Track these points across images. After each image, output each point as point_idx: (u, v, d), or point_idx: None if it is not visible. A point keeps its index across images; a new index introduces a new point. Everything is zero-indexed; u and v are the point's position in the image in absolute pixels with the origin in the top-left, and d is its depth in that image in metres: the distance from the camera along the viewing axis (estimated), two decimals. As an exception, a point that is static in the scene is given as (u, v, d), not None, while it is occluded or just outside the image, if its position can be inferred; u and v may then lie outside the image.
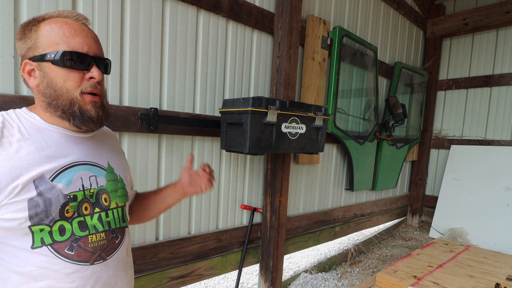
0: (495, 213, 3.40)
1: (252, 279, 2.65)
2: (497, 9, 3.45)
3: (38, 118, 0.73)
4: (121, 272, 0.80)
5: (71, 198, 0.70)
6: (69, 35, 0.70)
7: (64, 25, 0.71)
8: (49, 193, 0.67)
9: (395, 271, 2.01)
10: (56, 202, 0.68)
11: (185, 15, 1.72)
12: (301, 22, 2.23)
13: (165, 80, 1.69)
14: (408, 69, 3.66)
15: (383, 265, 3.01)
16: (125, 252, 0.83)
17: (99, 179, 0.77)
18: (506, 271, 2.07)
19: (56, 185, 0.68)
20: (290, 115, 1.77)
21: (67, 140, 0.74)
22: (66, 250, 0.69)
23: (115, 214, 0.80)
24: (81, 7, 1.36)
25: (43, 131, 0.72)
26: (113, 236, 0.78)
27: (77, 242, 0.71)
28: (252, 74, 2.12)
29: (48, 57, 0.68)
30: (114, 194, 0.80)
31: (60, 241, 0.69)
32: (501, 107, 3.70)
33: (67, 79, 0.70)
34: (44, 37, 0.69)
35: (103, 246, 0.75)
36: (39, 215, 0.66)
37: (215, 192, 2.00)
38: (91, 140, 0.80)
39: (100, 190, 0.77)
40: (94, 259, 0.73)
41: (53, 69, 0.69)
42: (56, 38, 0.69)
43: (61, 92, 0.70)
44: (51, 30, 0.70)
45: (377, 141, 3.30)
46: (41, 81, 0.70)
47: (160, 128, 1.64)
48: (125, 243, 0.83)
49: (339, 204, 3.09)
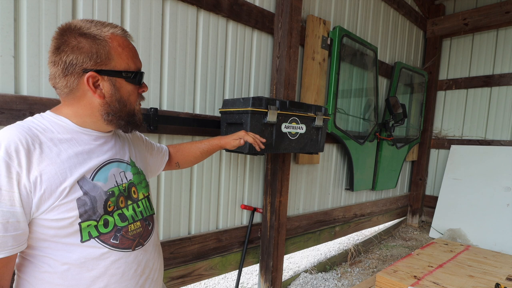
0: (495, 213, 3.40)
1: (252, 279, 2.65)
2: (497, 9, 3.45)
3: (69, 122, 0.76)
4: (156, 254, 0.90)
5: (110, 194, 0.78)
6: (134, 55, 0.80)
7: (130, 45, 0.80)
8: (93, 191, 0.74)
9: (395, 271, 2.01)
10: (100, 199, 0.75)
11: (185, 15, 1.72)
12: (301, 22, 2.23)
13: (165, 80, 1.69)
14: (408, 69, 3.66)
15: (383, 265, 3.01)
16: (156, 237, 0.93)
17: (127, 174, 0.85)
18: (506, 271, 2.07)
19: (97, 183, 0.75)
20: (290, 115, 1.77)
21: (96, 141, 0.80)
22: (111, 240, 0.77)
23: (144, 204, 0.88)
24: (81, 7, 1.36)
25: (75, 133, 0.76)
26: (147, 224, 0.87)
27: (119, 232, 0.78)
28: (252, 74, 2.12)
29: (123, 74, 0.77)
30: (140, 186, 0.88)
31: (105, 232, 0.76)
32: (501, 107, 3.70)
33: (131, 94, 0.80)
34: (118, 54, 0.76)
35: (141, 233, 0.84)
36: (88, 212, 0.72)
37: (215, 192, 2.00)
38: (114, 138, 0.86)
39: (130, 184, 0.85)
40: (135, 245, 0.82)
41: (124, 85, 0.78)
42: (128, 57, 0.78)
43: (124, 105, 0.80)
44: (123, 49, 0.77)
45: (377, 141, 3.30)
46: (111, 94, 0.77)
47: (160, 128, 1.64)
48: (155, 228, 0.92)
49: (339, 204, 3.09)
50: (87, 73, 0.73)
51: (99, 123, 0.79)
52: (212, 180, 1.97)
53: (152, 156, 1.10)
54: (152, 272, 0.88)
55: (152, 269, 0.88)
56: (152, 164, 1.11)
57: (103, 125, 0.80)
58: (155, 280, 0.90)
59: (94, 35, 0.73)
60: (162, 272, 0.96)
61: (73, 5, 1.35)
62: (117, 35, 0.77)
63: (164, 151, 1.19)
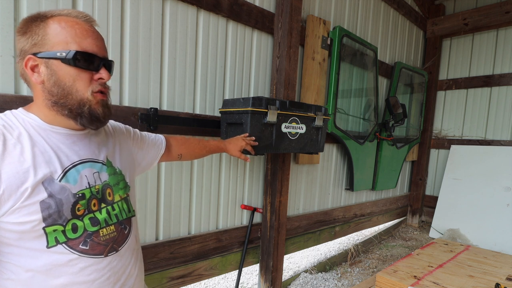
0: (495, 213, 3.40)
1: (252, 279, 2.65)
2: (497, 9, 3.45)
3: (37, 119, 0.72)
4: (134, 259, 0.86)
5: (80, 197, 0.72)
6: (81, 35, 0.70)
7: (76, 24, 0.71)
8: (60, 193, 0.68)
9: (395, 271, 2.01)
10: (67, 202, 0.69)
11: (185, 15, 1.72)
12: (301, 22, 2.23)
13: (165, 80, 1.69)
14: (408, 69, 3.66)
15: (383, 265, 3.01)
16: (134, 240, 0.87)
17: (102, 174, 0.79)
18: (506, 271, 2.07)
19: (65, 185, 0.70)
20: (290, 115, 1.77)
21: (68, 139, 0.75)
22: (80, 245, 0.72)
23: (120, 206, 0.83)
24: (81, 7, 1.36)
25: (43, 131, 0.71)
26: (122, 228, 0.82)
27: (90, 237, 0.73)
28: (252, 74, 2.12)
29: (58, 55, 0.68)
30: (116, 187, 0.83)
31: (74, 238, 0.71)
32: (501, 107, 3.70)
33: (77, 79, 0.70)
34: (54, 35, 0.69)
35: (114, 238, 0.79)
36: (52, 216, 0.67)
37: (215, 192, 2.00)
38: (88, 137, 0.80)
39: (104, 186, 0.79)
40: (107, 251, 0.76)
41: (63, 67, 0.69)
42: (67, 37, 0.69)
43: (70, 91, 0.70)
44: (62, 28, 0.69)
45: (377, 141, 3.30)
46: (48, 78, 0.69)
47: (160, 128, 1.64)
48: (133, 232, 0.86)
49: (339, 204, 3.09)
50: (26, 56, 0.69)
51: (59, 118, 0.73)
52: (212, 180, 1.97)
53: (142, 150, 1.03)
54: (129, 279, 0.83)
55: (128, 276, 0.83)
56: (141, 158, 1.03)
57: (65, 120, 0.73)
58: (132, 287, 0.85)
59: (39, 18, 0.69)
60: (141, 277, 0.92)
61: (73, 5, 1.35)
62: (63, 16, 0.70)
63: (159, 143, 1.12)
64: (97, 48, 0.73)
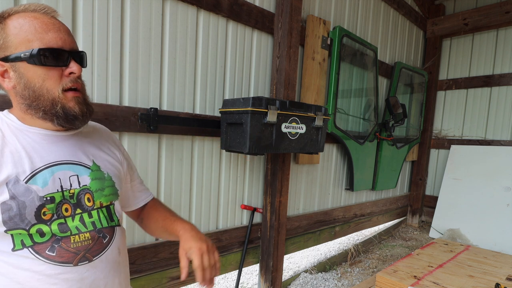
0: (495, 213, 3.40)
1: (252, 279, 2.65)
2: (497, 9, 3.44)
3: (15, 120, 0.70)
4: (112, 273, 0.76)
5: (47, 200, 0.67)
6: (41, 30, 0.66)
7: (34, 20, 0.66)
8: (23, 195, 0.64)
9: (395, 271, 2.01)
10: (31, 205, 0.65)
11: (185, 15, 1.72)
12: (301, 22, 2.23)
13: (165, 80, 1.69)
14: (408, 69, 3.66)
15: (383, 265, 3.01)
16: (117, 252, 0.79)
17: (81, 178, 0.74)
18: (506, 271, 2.07)
19: (31, 187, 0.65)
20: (290, 115, 1.77)
21: (45, 140, 0.71)
22: (47, 251, 0.67)
23: (100, 214, 0.76)
24: (81, 7, 1.36)
25: (18, 132, 0.69)
26: (100, 236, 0.75)
27: (58, 242, 0.68)
28: (252, 74, 2.12)
29: (22, 56, 0.64)
30: (99, 193, 0.76)
31: (41, 242, 0.66)
32: (501, 107, 3.70)
33: (46, 78, 0.67)
34: (14, 35, 0.65)
35: (88, 247, 0.72)
36: (14, 219, 0.63)
37: (215, 192, 2.00)
38: (74, 138, 0.77)
39: (82, 190, 0.73)
40: (78, 260, 0.70)
41: (30, 68, 0.66)
42: (28, 35, 0.65)
43: (41, 93, 0.67)
44: (21, 27, 0.65)
45: (377, 141, 3.30)
46: (18, 82, 0.67)
47: (160, 128, 1.64)
48: (116, 242, 0.79)
49: (339, 204, 3.09)
50: None
51: (37, 120, 0.70)
52: (212, 180, 1.97)
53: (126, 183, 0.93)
54: None
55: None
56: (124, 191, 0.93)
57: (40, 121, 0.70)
58: None
59: None
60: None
61: (73, 5, 1.35)
62: (20, 13, 0.66)
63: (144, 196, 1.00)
64: (62, 41, 0.68)
